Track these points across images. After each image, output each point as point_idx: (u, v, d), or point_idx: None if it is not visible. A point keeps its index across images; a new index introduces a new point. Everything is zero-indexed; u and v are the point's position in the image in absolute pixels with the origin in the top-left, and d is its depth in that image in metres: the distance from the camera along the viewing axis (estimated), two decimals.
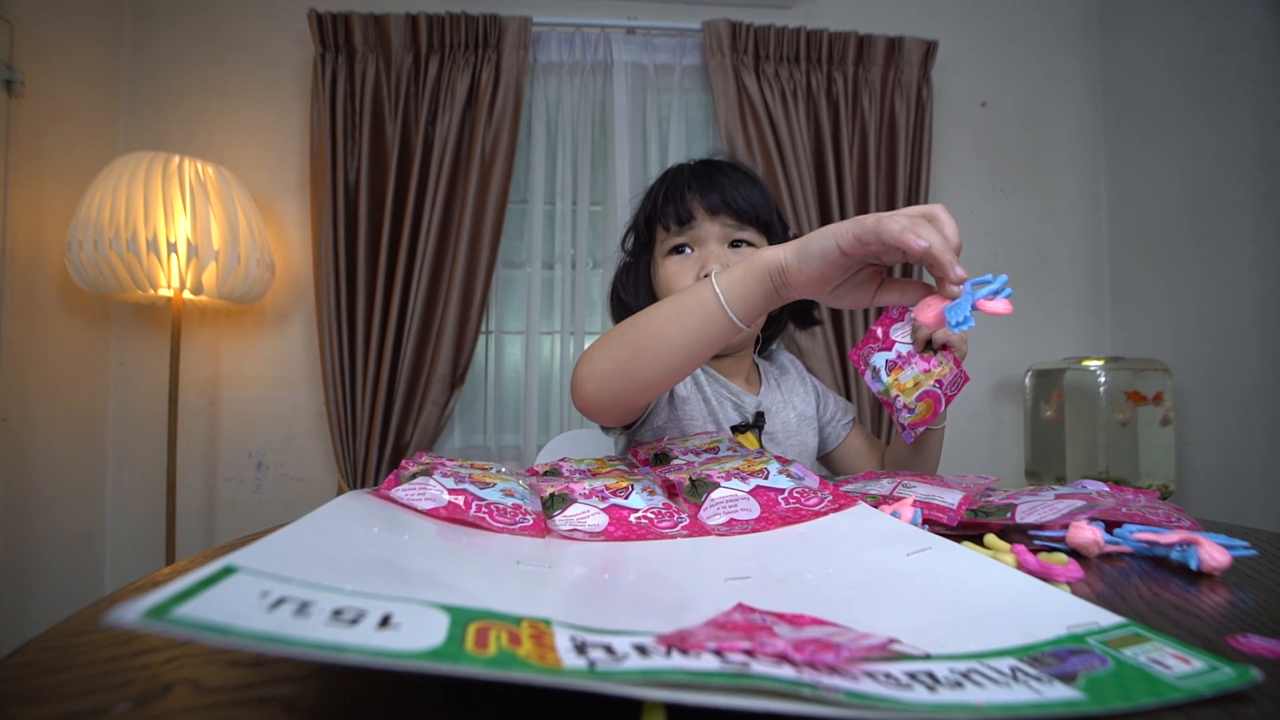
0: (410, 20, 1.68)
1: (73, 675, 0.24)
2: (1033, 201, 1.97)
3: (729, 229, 0.80)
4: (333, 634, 0.17)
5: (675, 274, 0.80)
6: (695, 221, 0.79)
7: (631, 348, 0.57)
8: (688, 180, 0.80)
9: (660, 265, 0.82)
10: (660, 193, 0.81)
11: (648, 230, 0.84)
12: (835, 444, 0.94)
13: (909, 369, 0.65)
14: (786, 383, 0.93)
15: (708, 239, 0.79)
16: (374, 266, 1.67)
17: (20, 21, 1.42)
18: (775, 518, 0.45)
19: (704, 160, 0.85)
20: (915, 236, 0.44)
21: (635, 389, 0.59)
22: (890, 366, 0.65)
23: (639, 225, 0.85)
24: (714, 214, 0.79)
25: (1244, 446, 1.53)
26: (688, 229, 0.79)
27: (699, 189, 0.79)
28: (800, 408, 0.90)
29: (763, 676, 0.18)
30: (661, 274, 0.81)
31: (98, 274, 1.37)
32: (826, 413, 0.94)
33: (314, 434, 1.76)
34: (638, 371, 0.57)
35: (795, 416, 0.89)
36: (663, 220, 0.81)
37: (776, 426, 0.86)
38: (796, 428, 0.88)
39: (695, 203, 0.79)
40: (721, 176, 0.80)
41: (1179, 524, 0.46)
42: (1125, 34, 1.91)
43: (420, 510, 0.41)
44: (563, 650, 0.19)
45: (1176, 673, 0.22)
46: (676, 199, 0.79)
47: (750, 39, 1.75)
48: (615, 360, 0.58)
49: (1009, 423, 1.93)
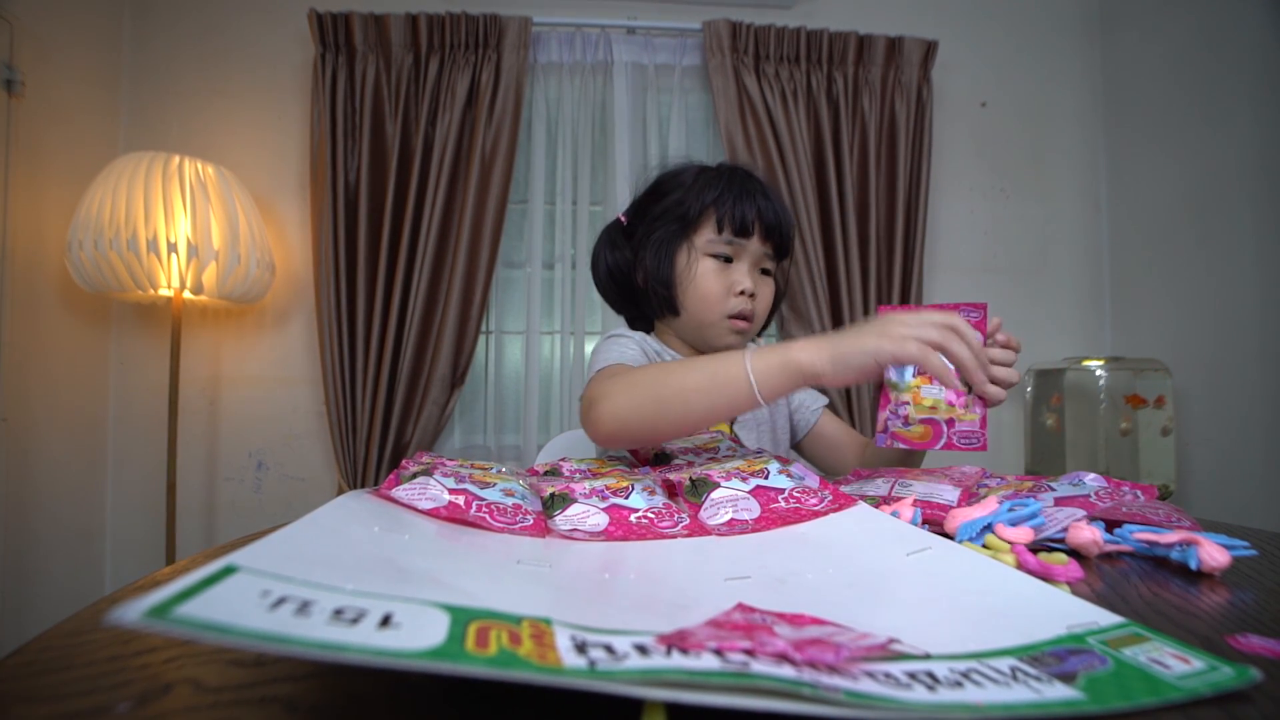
0: (410, 20, 1.68)
1: (73, 675, 0.24)
2: (1033, 201, 1.97)
3: (766, 257, 0.82)
4: (334, 633, 0.17)
5: (710, 277, 0.80)
6: (750, 238, 0.80)
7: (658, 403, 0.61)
8: (756, 193, 0.80)
9: (698, 260, 0.81)
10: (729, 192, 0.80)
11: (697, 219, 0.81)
12: (805, 430, 0.94)
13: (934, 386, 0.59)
14: None
15: (747, 258, 0.81)
16: (374, 266, 1.67)
17: (20, 21, 1.42)
18: (775, 517, 0.45)
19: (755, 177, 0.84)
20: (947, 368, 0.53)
21: (653, 436, 0.63)
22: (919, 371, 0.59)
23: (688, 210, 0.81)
24: (766, 237, 0.81)
25: (1244, 446, 1.53)
26: (739, 241, 0.80)
27: (763, 205, 0.80)
28: None
29: (763, 676, 0.18)
30: (699, 270, 0.80)
31: (98, 274, 1.37)
32: (794, 399, 0.95)
33: (314, 434, 1.76)
34: (661, 426, 0.62)
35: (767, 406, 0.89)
36: (720, 222, 0.80)
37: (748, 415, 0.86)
38: (768, 417, 0.90)
39: (758, 220, 0.79)
40: (775, 198, 0.82)
41: (1179, 524, 0.46)
42: (1125, 34, 1.91)
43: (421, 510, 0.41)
44: (563, 650, 0.19)
45: (1176, 672, 0.22)
46: (744, 207, 0.79)
47: (750, 39, 1.75)
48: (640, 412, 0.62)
49: (1009, 423, 1.93)
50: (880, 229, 1.79)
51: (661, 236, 0.83)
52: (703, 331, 0.82)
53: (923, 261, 1.81)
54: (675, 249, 0.82)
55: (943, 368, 0.53)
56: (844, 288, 1.74)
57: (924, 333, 0.53)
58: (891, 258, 1.79)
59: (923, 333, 0.53)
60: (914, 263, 1.79)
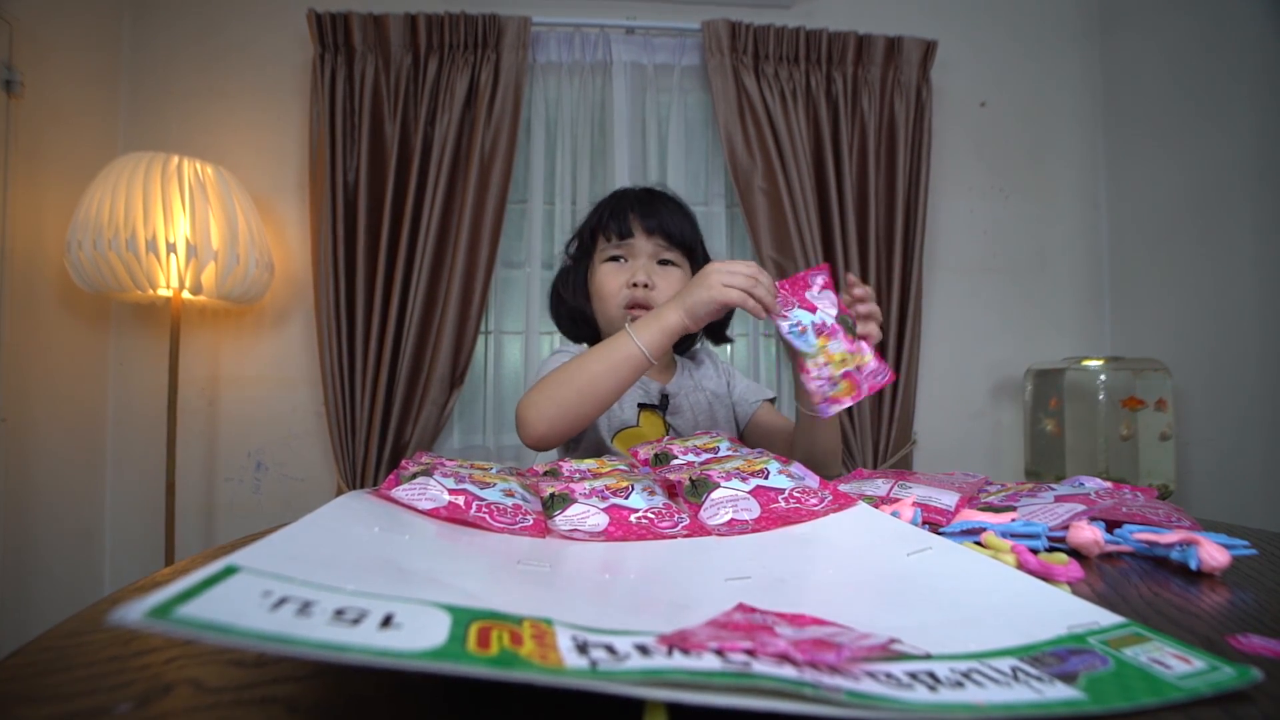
0: (409, 20, 1.68)
1: (74, 675, 0.24)
2: (1032, 201, 1.97)
3: (660, 248, 0.92)
4: (335, 634, 0.17)
5: (609, 276, 0.92)
6: (633, 238, 0.91)
7: (576, 395, 0.74)
8: (631, 202, 0.93)
9: (597, 268, 0.94)
10: (607, 210, 0.94)
11: (591, 239, 0.96)
12: (744, 422, 1.02)
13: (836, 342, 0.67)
14: (700, 371, 1.03)
15: (640, 254, 0.92)
16: (373, 266, 1.67)
17: (20, 21, 1.42)
18: (775, 518, 0.45)
19: (647, 188, 0.98)
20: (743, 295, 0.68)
21: (580, 423, 0.76)
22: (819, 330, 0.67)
23: (584, 234, 0.98)
24: (649, 234, 0.91)
25: (1244, 446, 1.54)
26: (625, 243, 0.92)
27: (640, 211, 0.92)
28: (712, 388, 1.01)
29: (764, 676, 0.18)
30: (598, 275, 0.94)
31: (97, 274, 1.37)
32: (735, 392, 1.03)
33: (313, 434, 1.76)
34: (584, 410, 0.75)
35: (707, 397, 1.00)
36: (605, 232, 0.93)
37: (686, 405, 0.97)
38: (708, 406, 0.99)
39: (636, 222, 0.91)
40: (660, 204, 0.93)
41: (1179, 524, 0.46)
42: (1125, 34, 1.92)
43: (420, 510, 0.41)
44: (564, 650, 0.19)
45: (1177, 672, 0.22)
46: (620, 216, 0.92)
47: (750, 39, 1.75)
48: (562, 406, 0.75)
49: (1009, 423, 1.93)
50: (880, 229, 1.79)
51: (573, 264, 0.99)
52: (613, 327, 0.90)
53: (922, 261, 1.81)
54: (584, 271, 0.97)
55: (757, 306, 0.68)
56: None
57: (736, 280, 0.68)
58: (891, 257, 1.79)
59: (735, 280, 0.68)
60: (913, 263, 1.79)
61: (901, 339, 1.78)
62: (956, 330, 1.92)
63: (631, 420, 0.93)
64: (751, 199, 1.74)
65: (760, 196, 1.74)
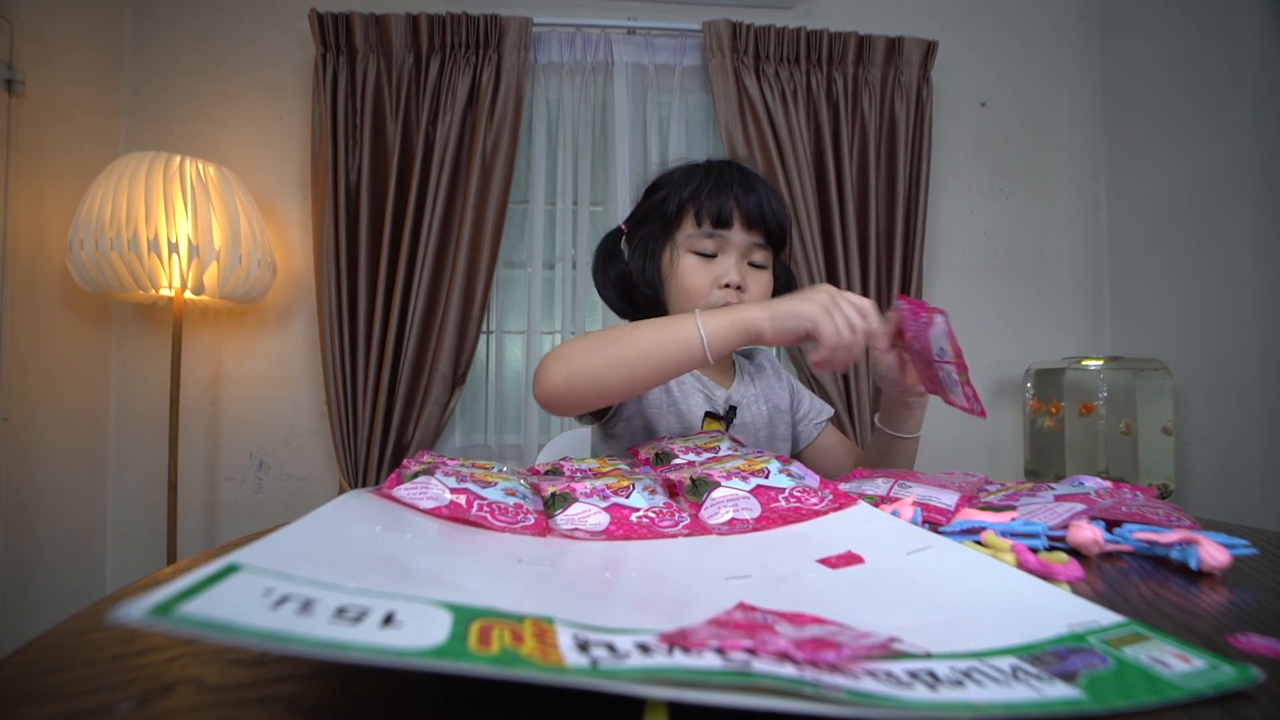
0: (411, 20, 1.68)
1: (75, 674, 0.24)
2: (1032, 201, 1.97)
3: (754, 246, 0.80)
4: (336, 632, 0.17)
5: (693, 272, 0.79)
6: (730, 230, 0.78)
7: (612, 359, 0.64)
8: (733, 184, 0.79)
9: (681, 257, 0.80)
10: (704, 187, 0.79)
11: (677, 213, 0.81)
12: (807, 442, 0.94)
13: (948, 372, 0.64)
14: (762, 378, 0.93)
15: (732, 250, 0.79)
16: (375, 266, 1.67)
17: (20, 21, 1.42)
18: (776, 517, 0.45)
19: (740, 166, 0.83)
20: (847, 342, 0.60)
21: (604, 394, 0.66)
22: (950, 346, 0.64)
23: (668, 208, 0.82)
24: (749, 227, 0.79)
25: (1244, 446, 1.53)
26: (720, 234, 0.79)
27: (741, 195, 0.78)
28: (775, 401, 0.91)
29: (764, 675, 0.18)
30: (681, 266, 0.80)
31: (99, 274, 1.37)
32: (800, 409, 0.95)
33: (315, 433, 1.76)
34: (613, 381, 0.64)
35: (768, 409, 0.90)
36: (699, 215, 0.79)
37: (747, 419, 0.87)
38: (768, 420, 0.89)
39: (736, 210, 0.78)
40: (761, 188, 0.80)
41: (1179, 523, 0.46)
42: (1125, 34, 1.91)
43: (422, 509, 0.41)
44: (565, 649, 0.19)
45: (1177, 671, 0.22)
46: (720, 199, 0.78)
47: (750, 39, 1.75)
48: (593, 366, 0.64)
49: (1009, 423, 1.93)
50: (880, 229, 1.79)
51: (646, 236, 0.83)
52: None
53: (922, 261, 1.81)
54: (660, 248, 0.82)
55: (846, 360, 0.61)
56: (844, 288, 1.74)
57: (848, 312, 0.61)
58: (891, 258, 1.79)
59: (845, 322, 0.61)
60: (914, 263, 1.79)
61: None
62: (956, 330, 1.92)
63: (695, 428, 0.82)
64: None
65: None
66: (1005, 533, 0.43)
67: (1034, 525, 0.44)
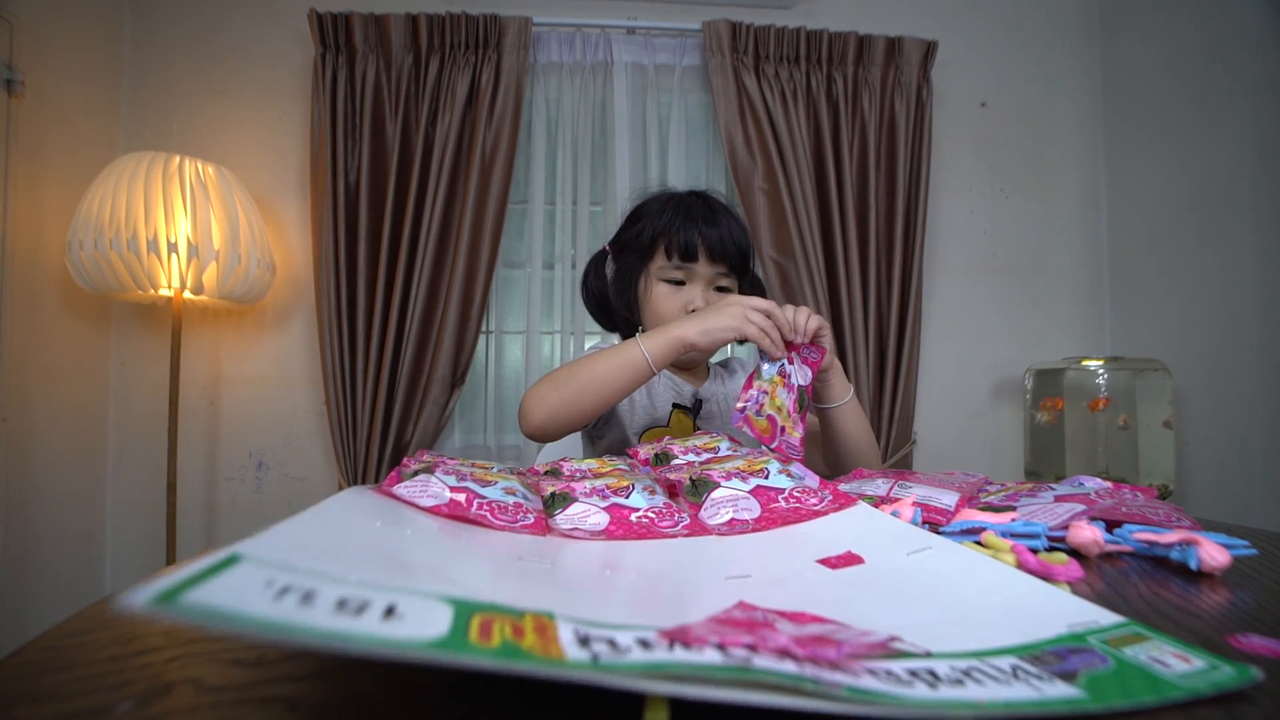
0: (410, 20, 1.68)
1: (75, 675, 0.24)
2: (1032, 201, 1.97)
3: (719, 274, 0.90)
4: (338, 623, 0.17)
5: (664, 300, 0.90)
6: (696, 262, 0.88)
7: (577, 389, 0.77)
8: (698, 219, 0.88)
9: (653, 286, 0.91)
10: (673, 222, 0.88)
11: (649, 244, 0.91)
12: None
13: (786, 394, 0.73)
14: (733, 380, 1.03)
15: (699, 279, 0.89)
16: (374, 266, 1.67)
17: (20, 21, 1.42)
18: (775, 517, 0.45)
19: (705, 197, 0.93)
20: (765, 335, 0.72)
21: (580, 418, 0.79)
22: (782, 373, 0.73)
23: (642, 239, 0.91)
24: (713, 260, 0.88)
25: (1244, 446, 1.53)
26: (687, 266, 0.88)
27: (706, 231, 0.87)
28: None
29: (765, 671, 0.18)
30: (653, 295, 0.91)
31: (98, 274, 1.37)
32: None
33: (314, 434, 1.76)
34: (584, 406, 0.78)
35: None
36: (669, 250, 0.89)
37: (717, 413, 0.97)
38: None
39: (701, 245, 0.87)
40: (724, 219, 0.89)
41: (1179, 524, 0.46)
42: (1125, 34, 1.92)
43: (422, 507, 0.41)
44: (566, 643, 0.19)
45: (1177, 671, 0.22)
46: (687, 234, 0.87)
47: (750, 39, 1.75)
48: (563, 398, 0.78)
49: (1009, 423, 1.93)
50: (880, 229, 1.79)
51: (624, 266, 0.94)
52: None
53: (922, 262, 1.81)
54: (636, 277, 0.93)
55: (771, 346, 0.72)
56: (844, 288, 1.74)
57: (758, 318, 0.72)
58: (891, 258, 1.79)
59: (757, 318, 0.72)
60: (913, 263, 1.79)
61: (902, 339, 1.78)
62: (956, 330, 1.92)
63: (663, 420, 0.93)
64: (752, 199, 1.74)
65: (761, 197, 1.74)
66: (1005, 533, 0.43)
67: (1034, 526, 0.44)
